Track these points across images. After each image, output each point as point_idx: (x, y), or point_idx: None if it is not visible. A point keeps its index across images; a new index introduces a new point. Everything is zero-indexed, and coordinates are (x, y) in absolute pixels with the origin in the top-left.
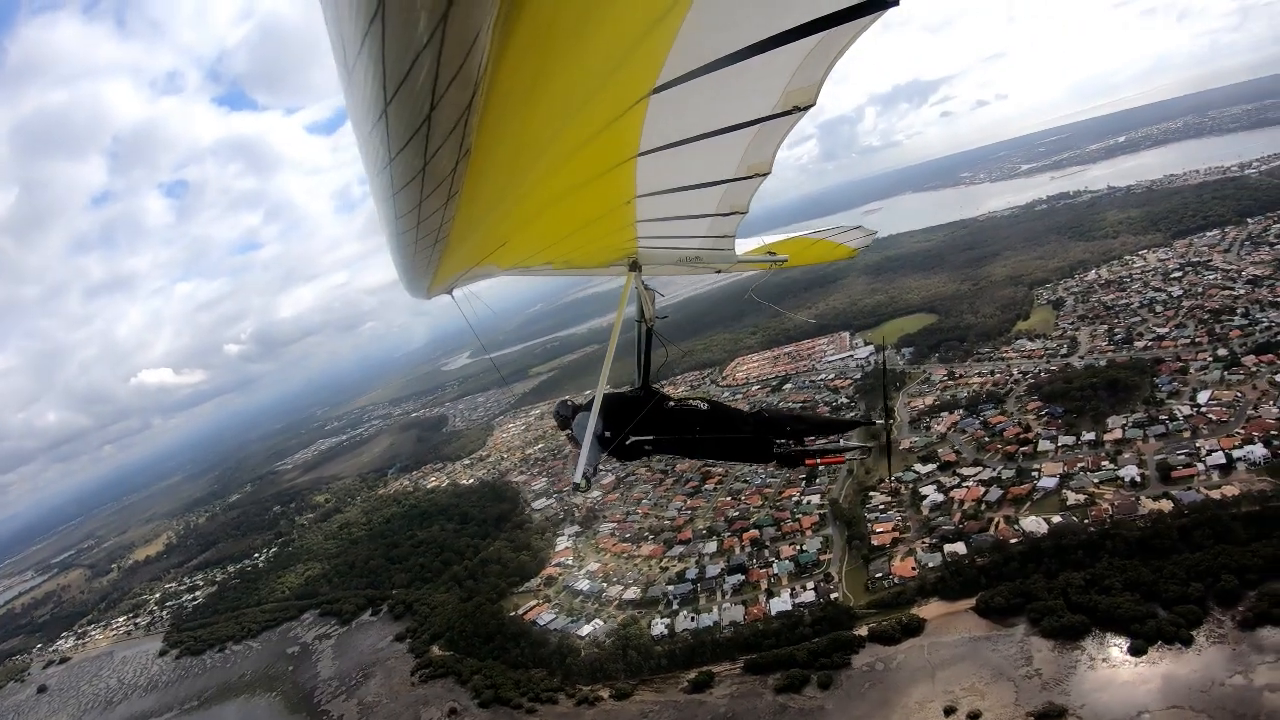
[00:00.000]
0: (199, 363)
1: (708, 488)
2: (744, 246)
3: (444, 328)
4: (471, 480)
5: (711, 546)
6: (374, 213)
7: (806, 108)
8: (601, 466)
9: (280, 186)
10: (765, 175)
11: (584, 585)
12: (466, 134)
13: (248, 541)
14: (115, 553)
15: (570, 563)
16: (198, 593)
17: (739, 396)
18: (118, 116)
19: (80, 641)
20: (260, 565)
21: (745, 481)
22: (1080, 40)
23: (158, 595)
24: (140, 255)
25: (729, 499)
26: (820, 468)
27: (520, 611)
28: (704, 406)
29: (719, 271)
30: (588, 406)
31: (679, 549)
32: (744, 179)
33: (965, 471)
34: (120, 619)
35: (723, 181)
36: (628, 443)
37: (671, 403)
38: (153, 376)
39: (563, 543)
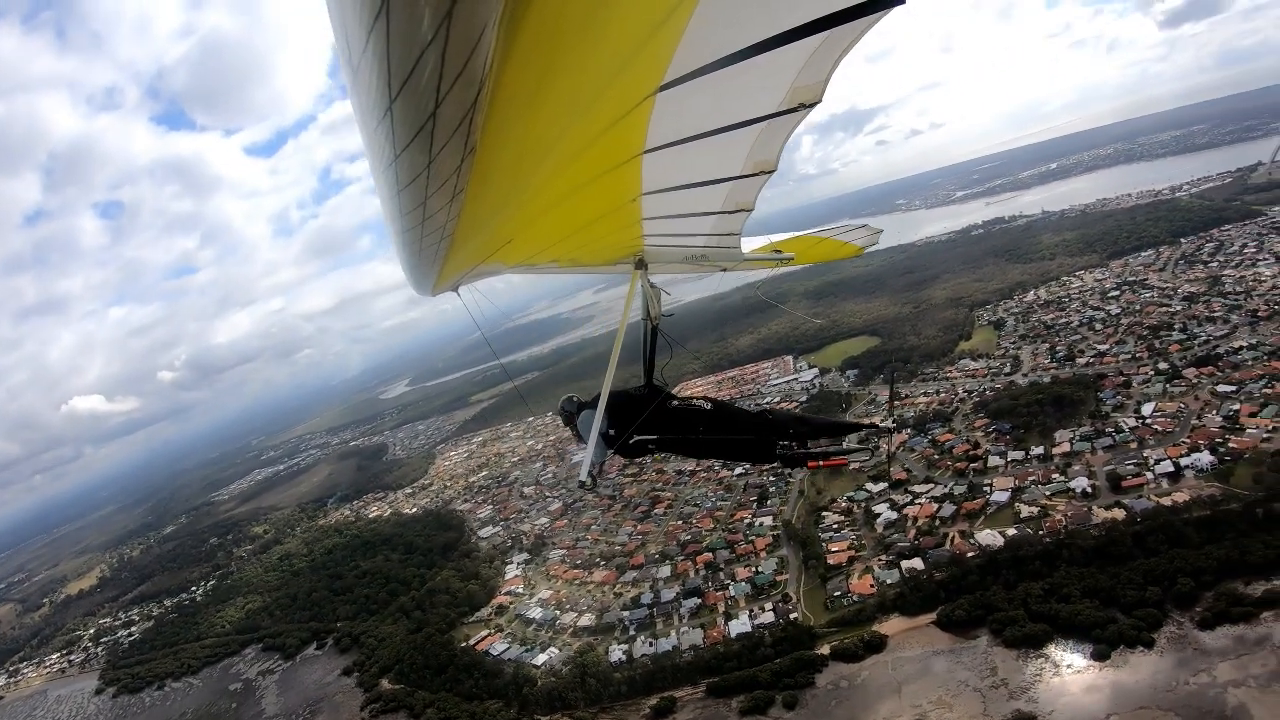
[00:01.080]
0: (132, 390)
1: (658, 512)
2: (749, 245)
3: (380, 356)
4: (415, 509)
5: (665, 571)
6: (313, 237)
7: (812, 104)
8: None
9: (217, 209)
10: (771, 172)
11: (536, 613)
12: (471, 132)
13: (185, 574)
14: (47, 586)
15: (521, 591)
16: (134, 628)
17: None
18: (54, 131)
19: (12, 680)
20: (198, 599)
21: (695, 505)
22: (1013, 70)
23: (92, 631)
24: (73, 277)
25: (680, 523)
26: (823, 469)
27: (472, 642)
28: (707, 406)
29: (725, 270)
30: (592, 404)
31: (632, 574)
32: (750, 176)
33: (917, 489)
34: (54, 656)
35: (729, 179)
36: (632, 441)
37: (675, 402)
38: (84, 403)
39: (512, 571)
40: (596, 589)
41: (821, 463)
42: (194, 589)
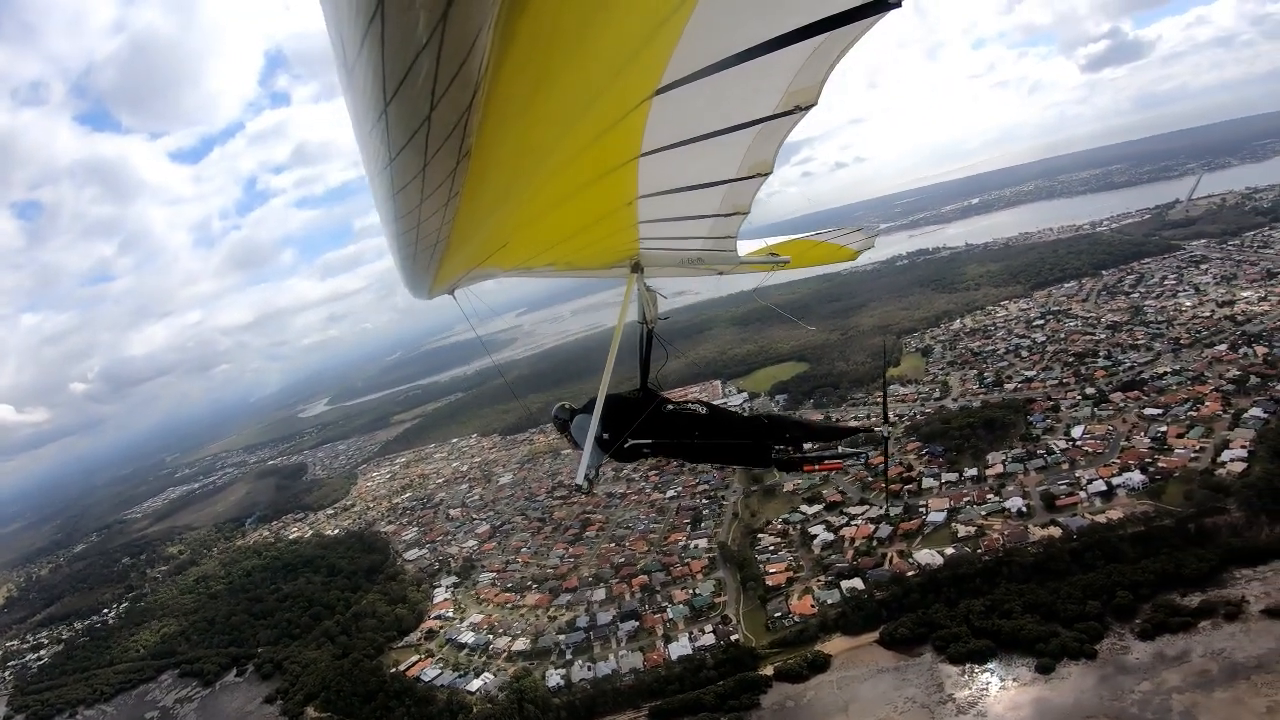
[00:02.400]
0: (42, 400)
1: (589, 535)
2: (745, 248)
3: (299, 374)
4: (337, 530)
5: (600, 594)
6: (235, 249)
7: (808, 107)
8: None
9: (138, 215)
10: (767, 175)
11: (468, 637)
12: (467, 135)
13: (96, 595)
14: None
15: (451, 615)
16: (43, 652)
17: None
18: None
19: None
20: (111, 622)
21: (628, 528)
22: (937, 108)
23: None
24: None
25: (612, 545)
26: (818, 473)
27: (402, 667)
28: (703, 410)
29: (721, 274)
30: (586, 409)
31: (566, 597)
32: (746, 179)
33: (853, 510)
34: None
35: (725, 181)
36: (627, 445)
37: (671, 406)
38: None
39: (440, 594)
40: (530, 612)
41: (817, 466)
42: (106, 611)
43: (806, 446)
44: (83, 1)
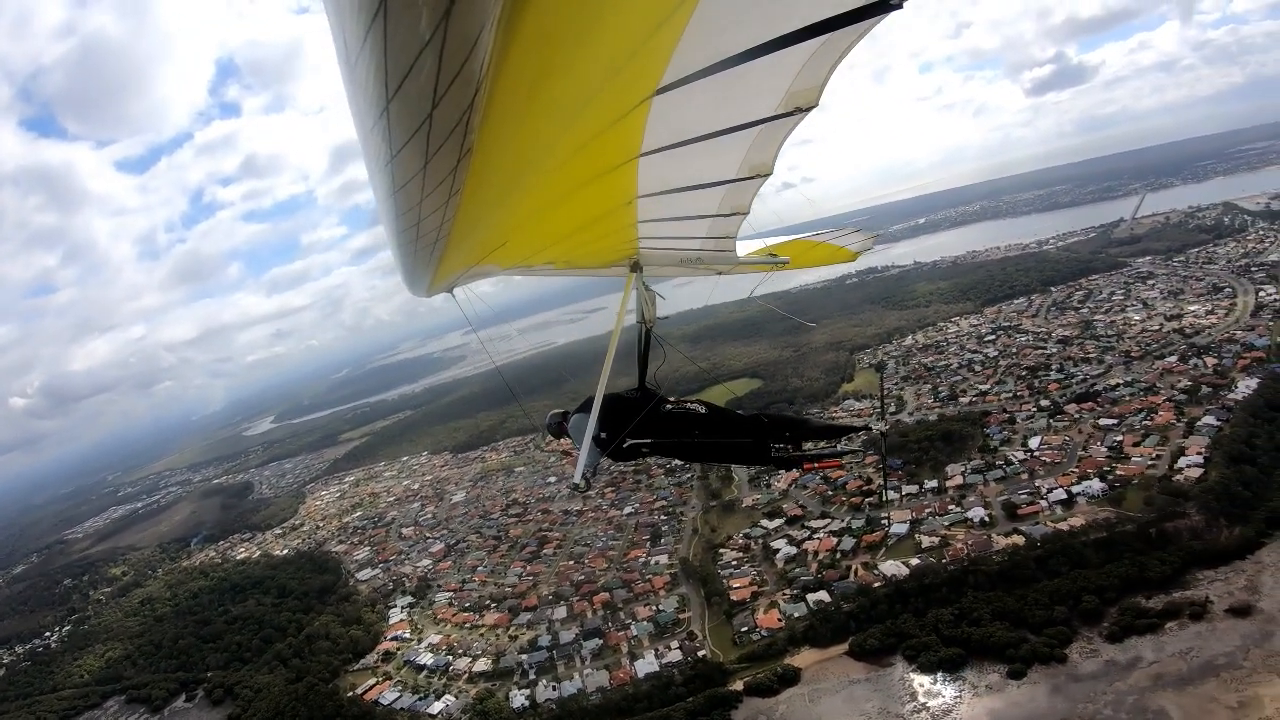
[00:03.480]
0: None
1: (547, 552)
2: (744, 249)
3: (244, 391)
4: (286, 551)
5: (561, 612)
6: (180, 263)
7: (809, 109)
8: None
9: (82, 225)
10: (767, 176)
11: (427, 659)
12: (468, 133)
13: (37, 618)
14: None
15: (408, 636)
16: None
17: (565, 461)
18: None
19: None
20: (53, 646)
21: (586, 545)
22: (884, 130)
23: None
24: None
25: (571, 563)
26: (817, 470)
27: (360, 691)
28: (702, 410)
29: (720, 274)
30: (584, 408)
31: (526, 616)
32: (746, 179)
33: (814, 524)
34: None
35: (724, 182)
36: (625, 445)
37: (669, 405)
38: None
39: (396, 615)
40: (489, 632)
41: (816, 464)
42: (48, 635)
43: (806, 445)
44: (31, 2)
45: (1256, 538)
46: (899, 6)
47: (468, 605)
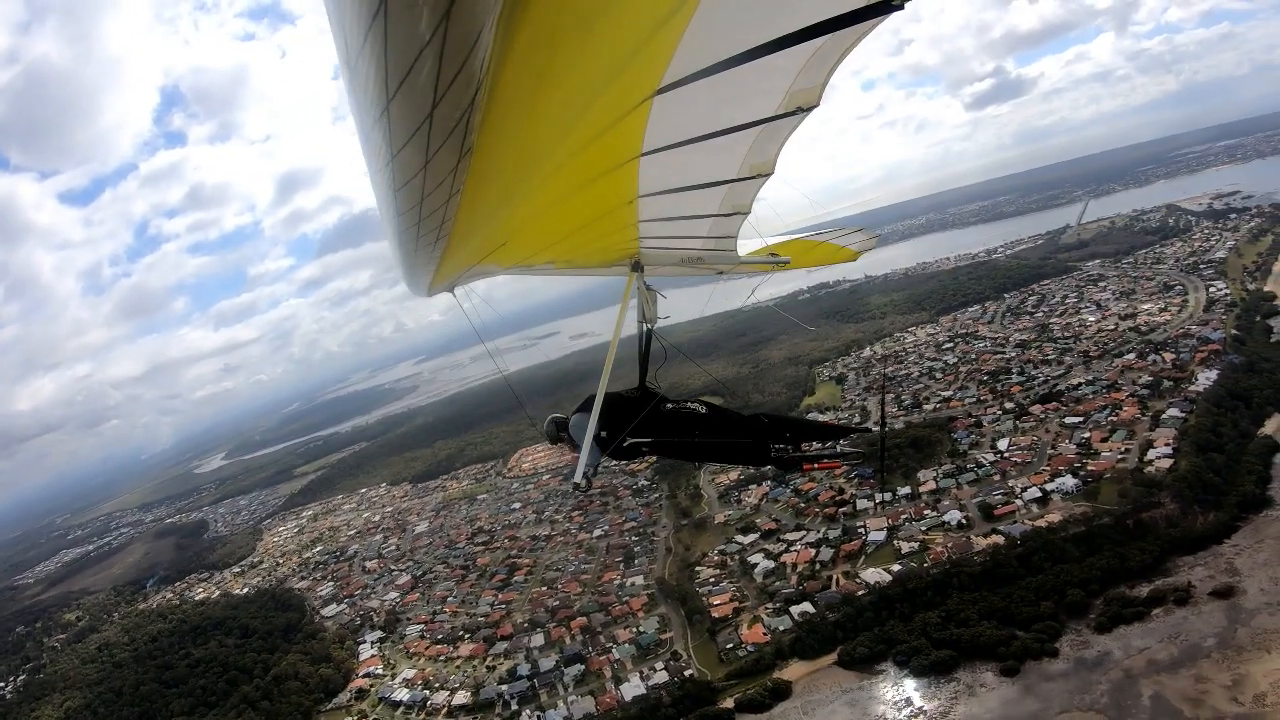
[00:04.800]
0: None
1: (518, 579)
2: (745, 248)
3: (193, 428)
4: (246, 589)
5: (539, 639)
6: (125, 297)
7: (810, 109)
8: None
9: (24, 260)
10: (768, 176)
11: (403, 694)
12: (468, 133)
13: None
14: None
15: (381, 671)
16: None
17: (530, 486)
18: None
19: None
20: (9, 697)
21: (558, 570)
22: (827, 149)
23: None
24: None
25: (544, 589)
26: (817, 472)
27: None
28: (702, 409)
29: (721, 273)
30: (584, 408)
31: (502, 645)
32: (747, 179)
33: (790, 537)
34: None
35: (725, 182)
36: (625, 444)
37: (670, 404)
38: None
39: (367, 650)
40: (466, 664)
41: (816, 465)
42: (2, 685)
43: (805, 446)
44: None
45: (1231, 522)
46: (900, 7)
47: (441, 637)
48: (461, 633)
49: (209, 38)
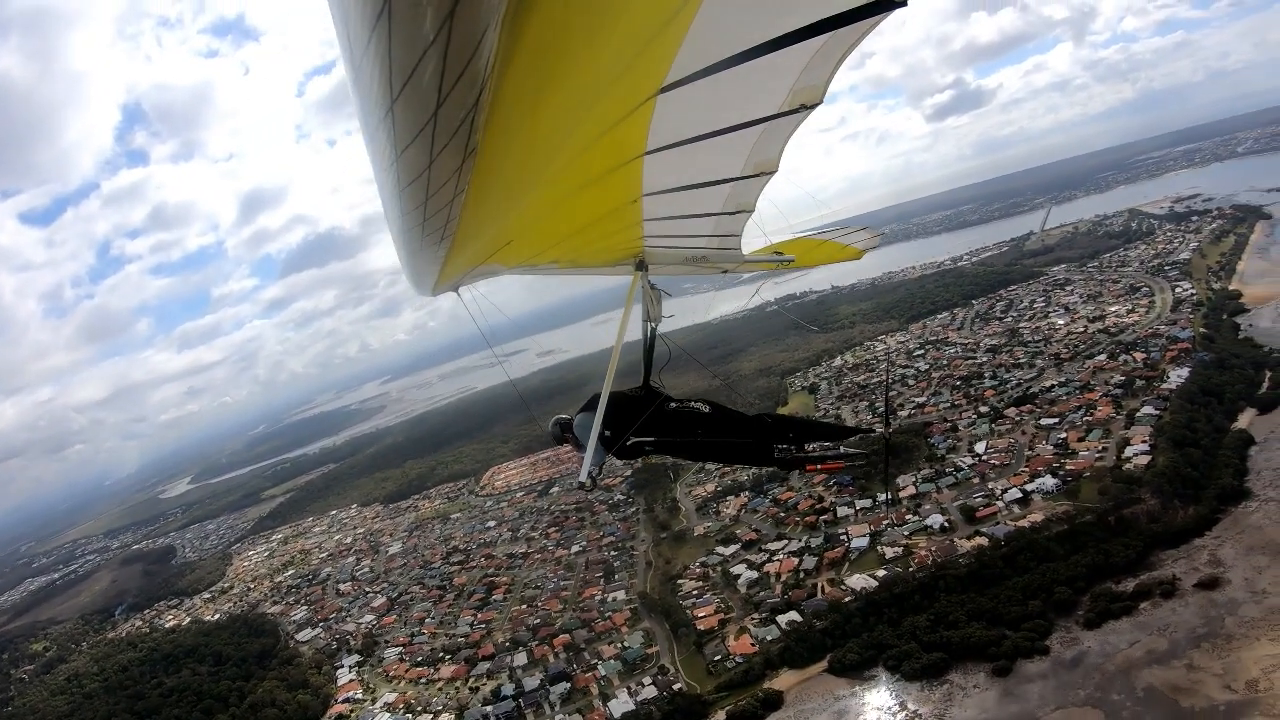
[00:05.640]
0: None
1: (496, 598)
2: (749, 247)
3: (158, 452)
4: (218, 615)
5: (522, 658)
6: (88, 319)
7: (813, 106)
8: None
9: None
10: (772, 173)
11: (385, 719)
12: (473, 133)
13: None
14: None
15: (361, 696)
16: None
17: (504, 504)
18: None
19: None
20: None
21: (537, 588)
22: (788, 162)
23: None
24: None
25: (524, 607)
26: (820, 473)
27: None
28: (705, 409)
29: (725, 271)
30: (588, 407)
31: (485, 665)
32: (751, 177)
33: (771, 547)
34: None
35: (729, 180)
36: (629, 443)
37: (674, 404)
38: None
39: (345, 675)
40: (448, 686)
41: (820, 466)
42: None
43: (809, 446)
44: None
45: (1211, 515)
46: (903, 4)
47: (420, 659)
48: (442, 654)
49: (172, 54)
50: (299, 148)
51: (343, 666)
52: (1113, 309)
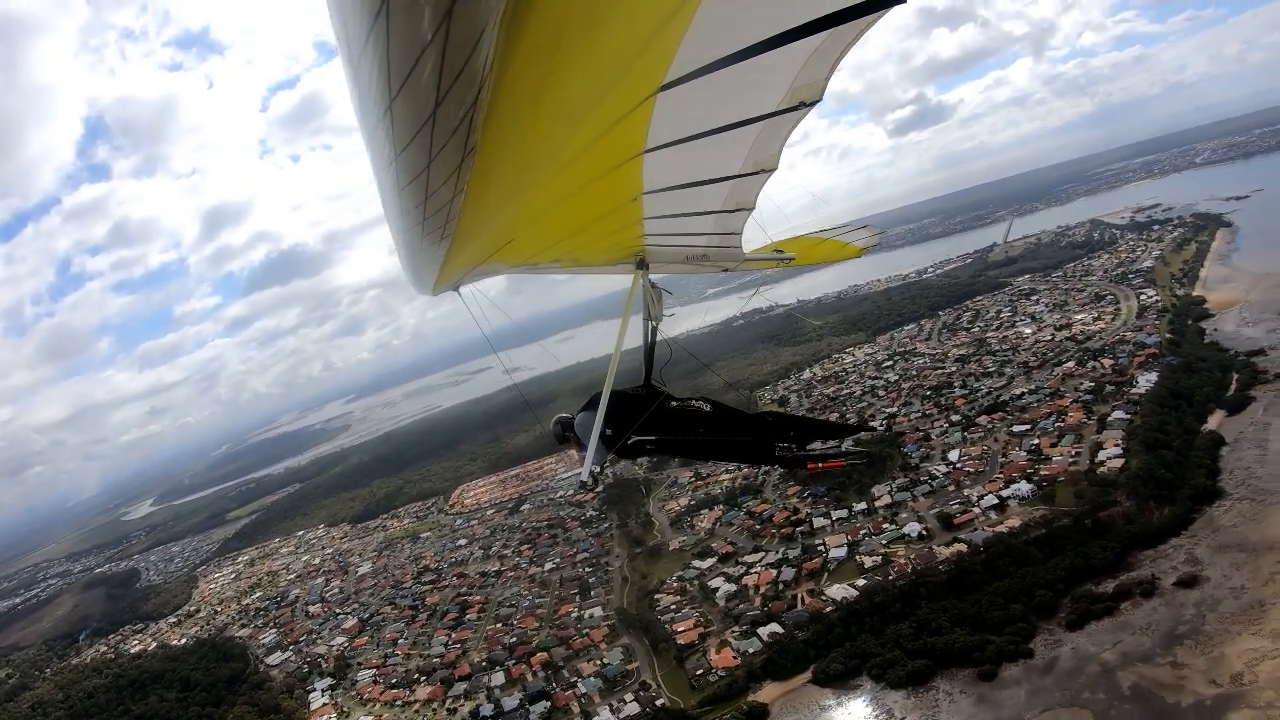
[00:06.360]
0: None
1: (470, 618)
2: (749, 246)
3: (120, 474)
4: (185, 640)
5: (499, 677)
6: (48, 338)
7: (813, 103)
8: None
9: None
10: (772, 171)
11: None
12: (472, 131)
13: None
14: None
15: None
16: None
17: (474, 522)
18: None
19: None
20: None
21: (512, 606)
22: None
23: None
24: None
25: (499, 626)
26: (822, 471)
27: None
28: (707, 408)
29: (726, 270)
30: (589, 406)
31: (461, 686)
32: (751, 174)
33: (749, 559)
34: None
35: (730, 177)
36: (630, 442)
37: (674, 403)
38: None
39: (318, 699)
40: (424, 707)
41: (820, 465)
42: None
43: (810, 445)
44: None
45: (1186, 514)
46: (902, 1)
47: (395, 681)
48: (417, 675)
49: (136, 67)
50: (262, 163)
51: (315, 690)
52: (1079, 317)
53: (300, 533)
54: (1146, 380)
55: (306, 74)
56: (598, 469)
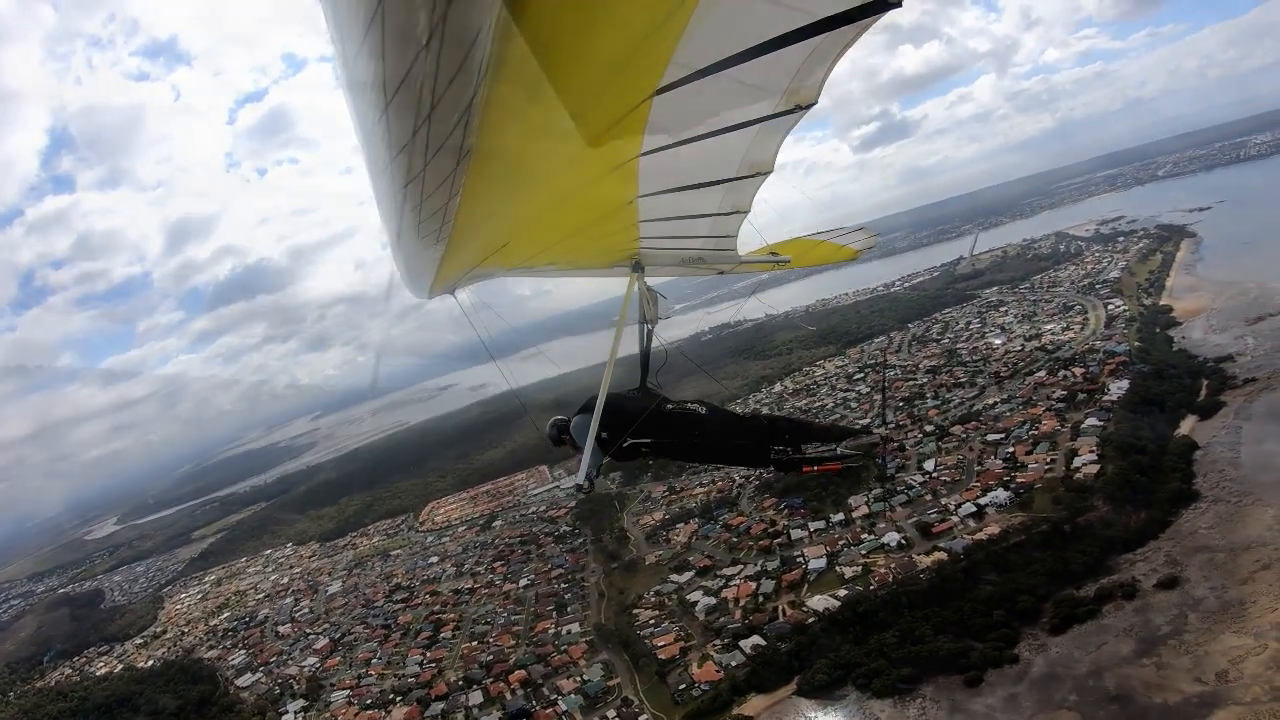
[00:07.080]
0: None
1: (445, 636)
2: (744, 249)
3: (83, 492)
4: (152, 662)
5: (477, 696)
6: (8, 353)
7: (808, 106)
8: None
9: None
10: (767, 173)
11: None
12: (467, 134)
13: None
14: None
15: None
16: None
17: (446, 539)
18: None
19: None
20: None
21: (487, 623)
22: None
23: None
24: None
25: (475, 643)
26: (818, 474)
27: None
28: (702, 410)
29: (721, 273)
30: (585, 409)
31: (438, 705)
32: (746, 178)
33: (727, 572)
34: None
35: (725, 181)
36: (625, 445)
37: (670, 405)
38: None
39: None
40: None
41: (816, 468)
42: None
43: (806, 448)
44: None
45: (1163, 517)
46: (898, 5)
47: (370, 701)
48: (392, 695)
49: (102, 77)
50: (229, 176)
51: (287, 712)
52: (1048, 327)
53: (268, 551)
54: (1118, 387)
55: (274, 86)
56: (594, 473)
